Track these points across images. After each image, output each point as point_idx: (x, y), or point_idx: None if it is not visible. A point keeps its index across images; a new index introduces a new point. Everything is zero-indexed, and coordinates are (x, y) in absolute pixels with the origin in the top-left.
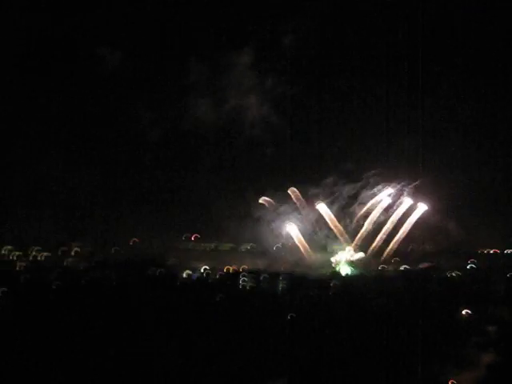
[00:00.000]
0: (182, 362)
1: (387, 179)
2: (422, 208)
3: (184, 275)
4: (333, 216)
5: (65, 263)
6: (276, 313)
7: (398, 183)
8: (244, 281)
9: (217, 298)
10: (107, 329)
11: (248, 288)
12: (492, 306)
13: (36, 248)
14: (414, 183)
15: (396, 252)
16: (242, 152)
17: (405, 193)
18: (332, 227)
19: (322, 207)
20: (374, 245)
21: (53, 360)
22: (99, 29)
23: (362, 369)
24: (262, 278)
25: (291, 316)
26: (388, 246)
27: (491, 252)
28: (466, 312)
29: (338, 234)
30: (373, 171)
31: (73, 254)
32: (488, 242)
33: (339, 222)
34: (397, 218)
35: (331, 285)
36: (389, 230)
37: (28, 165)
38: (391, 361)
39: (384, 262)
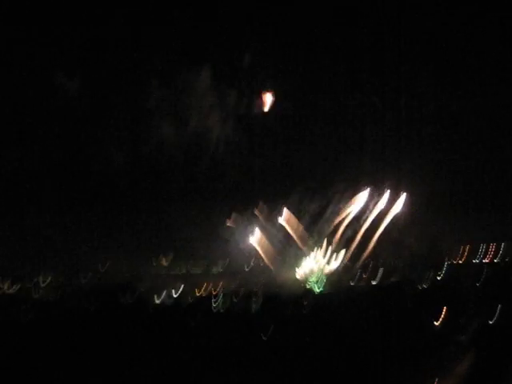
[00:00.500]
0: None
1: (354, 192)
2: (402, 198)
3: (157, 301)
4: (296, 222)
5: (35, 295)
6: (251, 333)
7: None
8: (217, 303)
9: (191, 323)
10: (84, 359)
11: (221, 311)
12: (463, 317)
13: (2, 281)
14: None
15: (367, 267)
16: (208, 172)
17: (384, 191)
18: (294, 235)
19: (286, 213)
20: (352, 247)
21: None
22: (55, 55)
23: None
24: (235, 299)
25: (267, 337)
26: (366, 248)
27: (458, 262)
28: (438, 324)
29: (299, 241)
30: (340, 185)
31: (42, 285)
32: (454, 251)
33: (307, 237)
34: (374, 216)
35: (304, 304)
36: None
37: None
38: (371, 373)
39: (362, 267)
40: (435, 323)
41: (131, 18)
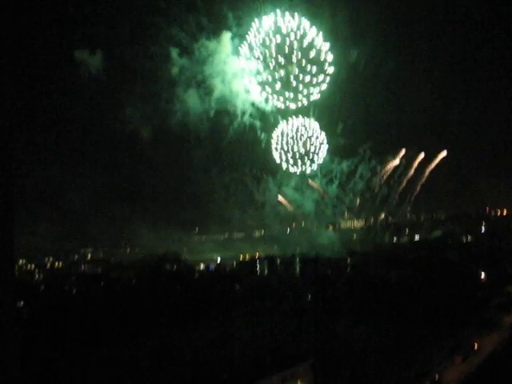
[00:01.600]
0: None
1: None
2: (442, 155)
3: (201, 267)
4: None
5: (82, 269)
6: (295, 295)
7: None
8: (260, 267)
9: (235, 286)
10: (131, 326)
11: (265, 274)
12: (509, 267)
13: (50, 258)
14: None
15: (410, 223)
16: (235, 139)
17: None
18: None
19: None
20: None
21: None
22: (76, 32)
23: (386, 340)
24: (278, 262)
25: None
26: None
27: (503, 214)
28: (485, 275)
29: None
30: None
31: (88, 259)
32: (498, 204)
33: (342, 197)
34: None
35: (348, 262)
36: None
37: (26, 176)
38: (415, 329)
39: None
40: (482, 274)
41: None
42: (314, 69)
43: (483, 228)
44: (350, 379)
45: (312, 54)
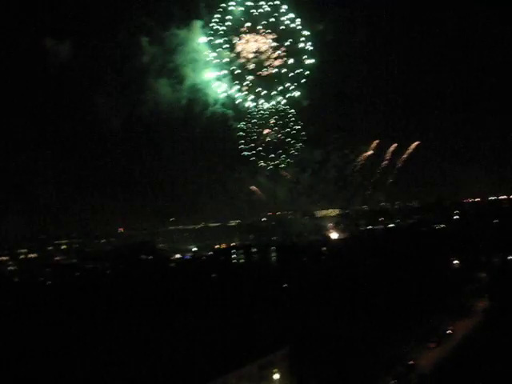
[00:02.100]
0: (184, 338)
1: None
2: (414, 145)
3: (177, 256)
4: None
5: (55, 260)
6: (271, 283)
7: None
8: (236, 256)
9: (212, 274)
10: (108, 318)
11: (241, 262)
12: (482, 254)
13: (23, 250)
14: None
15: (383, 211)
16: (207, 129)
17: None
18: None
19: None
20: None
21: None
22: (45, 20)
23: (361, 327)
24: (252, 251)
25: (285, 286)
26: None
27: (475, 200)
28: (457, 262)
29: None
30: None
31: (62, 249)
32: (471, 191)
33: (315, 186)
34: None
35: (322, 250)
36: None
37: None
38: (389, 316)
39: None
40: (454, 261)
41: None
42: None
43: (456, 216)
44: (325, 366)
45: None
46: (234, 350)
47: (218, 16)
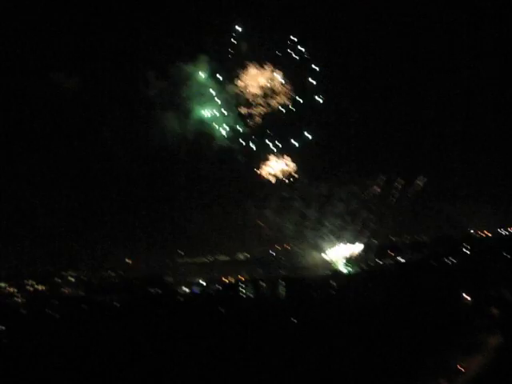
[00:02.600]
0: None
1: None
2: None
3: (186, 289)
4: None
5: (63, 292)
6: (279, 318)
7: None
8: (243, 290)
9: (221, 309)
10: (115, 352)
11: (250, 296)
12: (493, 288)
13: (30, 281)
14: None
15: (393, 245)
16: (214, 163)
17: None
18: None
19: None
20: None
21: None
22: (53, 53)
23: (371, 360)
24: (261, 285)
25: (294, 320)
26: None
27: (485, 236)
28: (468, 297)
29: None
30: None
31: (72, 281)
32: (481, 225)
33: (321, 220)
34: None
35: (331, 284)
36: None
37: (5, 197)
38: (400, 351)
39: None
40: (466, 296)
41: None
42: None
43: (466, 250)
44: None
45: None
46: None
47: (224, 50)
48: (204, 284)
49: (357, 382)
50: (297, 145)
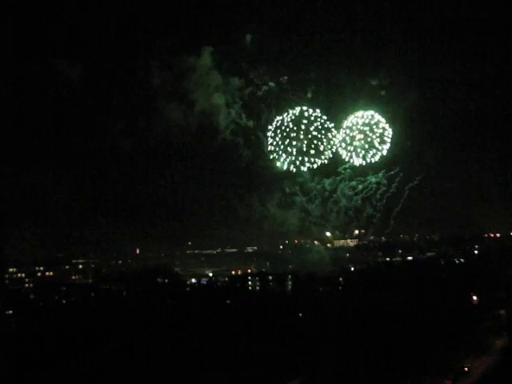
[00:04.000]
0: (196, 365)
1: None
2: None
3: (193, 280)
4: None
5: (72, 279)
6: (286, 313)
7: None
8: (252, 283)
9: (227, 300)
10: (120, 340)
11: (257, 289)
12: (501, 290)
13: (41, 268)
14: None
15: (403, 243)
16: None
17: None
18: None
19: None
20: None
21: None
22: (56, 42)
23: (378, 359)
24: (270, 278)
25: (301, 315)
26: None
27: (496, 235)
28: (476, 298)
29: None
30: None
31: (79, 269)
32: (491, 226)
33: (325, 215)
34: None
35: (340, 280)
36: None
37: (17, 185)
38: (405, 351)
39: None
40: (473, 296)
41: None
42: None
43: (476, 251)
44: None
45: None
46: (247, 380)
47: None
48: (211, 275)
49: (360, 380)
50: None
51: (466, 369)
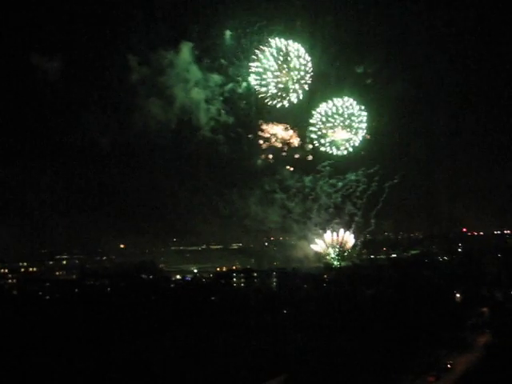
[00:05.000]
0: (180, 361)
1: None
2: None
3: (178, 277)
4: None
5: (56, 275)
6: (271, 309)
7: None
8: (237, 280)
9: (212, 297)
10: (104, 336)
11: (242, 285)
12: (484, 288)
13: (24, 263)
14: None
15: (387, 240)
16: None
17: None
18: None
19: None
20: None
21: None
22: (33, 37)
23: (361, 357)
24: (254, 275)
25: (286, 311)
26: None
27: (479, 234)
28: (459, 295)
29: None
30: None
31: (63, 265)
32: (475, 224)
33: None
34: None
35: (325, 277)
36: None
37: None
38: (388, 348)
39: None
40: (457, 294)
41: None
42: None
43: (459, 249)
44: None
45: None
46: (231, 376)
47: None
48: (196, 272)
49: (344, 377)
50: None
51: (449, 365)
